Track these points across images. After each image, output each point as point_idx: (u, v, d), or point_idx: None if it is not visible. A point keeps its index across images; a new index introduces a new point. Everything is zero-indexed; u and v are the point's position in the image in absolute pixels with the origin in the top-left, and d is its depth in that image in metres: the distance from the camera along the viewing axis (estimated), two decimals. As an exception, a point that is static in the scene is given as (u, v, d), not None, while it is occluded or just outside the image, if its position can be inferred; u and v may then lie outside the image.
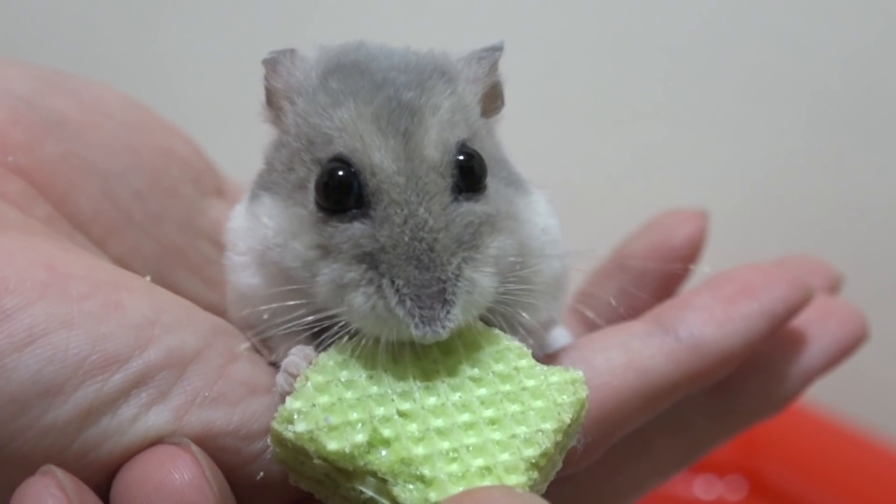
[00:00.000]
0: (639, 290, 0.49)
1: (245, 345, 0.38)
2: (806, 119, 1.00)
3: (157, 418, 0.33)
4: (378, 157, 0.35)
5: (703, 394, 0.45)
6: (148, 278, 0.39)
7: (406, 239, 0.34)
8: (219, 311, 0.44)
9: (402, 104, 0.36)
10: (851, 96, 0.99)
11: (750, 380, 0.46)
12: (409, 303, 0.34)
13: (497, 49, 0.40)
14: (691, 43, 0.99)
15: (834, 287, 0.51)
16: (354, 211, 0.35)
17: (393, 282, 0.34)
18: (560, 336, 0.46)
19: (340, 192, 0.35)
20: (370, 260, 0.34)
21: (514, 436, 0.34)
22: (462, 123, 0.37)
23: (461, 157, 0.36)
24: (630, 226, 1.00)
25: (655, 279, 0.50)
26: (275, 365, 0.38)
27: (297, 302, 0.36)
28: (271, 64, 0.39)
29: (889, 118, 1.00)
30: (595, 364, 0.39)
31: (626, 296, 0.49)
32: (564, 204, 1.05)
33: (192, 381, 0.34)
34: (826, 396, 0.89)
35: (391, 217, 0.34)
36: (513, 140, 1.01)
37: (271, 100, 0.40)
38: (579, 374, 0.36)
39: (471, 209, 0.35)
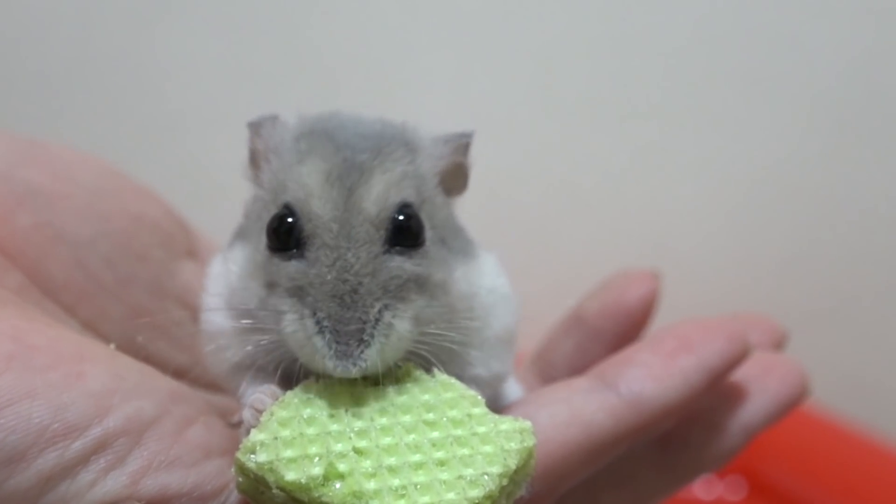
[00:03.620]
0: (594, 348, 0.51)
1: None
2: (805, 119, 1.01)
3: (114, 483, 0.35)
4: (317, 204, 0.38)
5: (647, 448, 0.47)
6: (112, 346, 0.41)
7: (330, 277, 0.37)
8: (186, 372, 0.46)
9: (356, 164, 0.39)
10: (851, 97, 1.00)
11: (693, 434, 0.48)
12: (327, 335, 0.36)
13: (464, 136, 0.43)
14: (690, 43, 1.00)
15: (779, 343, 0.53)
16: (294, 251, 0.38)
17: (314, 314, 0.36)
18: (513, 390, 0.48)
19: (283, 234, 0.38)
20: (300, 293, 0.37)
21: (460, 477, 0.36)
22: (410, 189, 0.40)
23: (399, 216, 0.39)
24: (628, 226, 1.02)
25: (609, 337, 0.52)
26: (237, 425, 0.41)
27: (251, 323, 0.39)
28: (255, 127, 0.43)
29: (889, 118, 1.00)
30: (539, 419, 0.40)
31: (581, 352, 0.51)
32: (564, 204, 1.06)
33: (148, 446, 0.36)
34: (826, 397, 0.89)
35: (321, 258, 0.37)
36: (514, 141, 1.02)
37: (253, 159, 0.43)
38: (528, 424, 0.38)
39: (400, 264, 0.38)
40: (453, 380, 0.39)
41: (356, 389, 0.38)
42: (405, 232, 0.39)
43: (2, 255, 0.42)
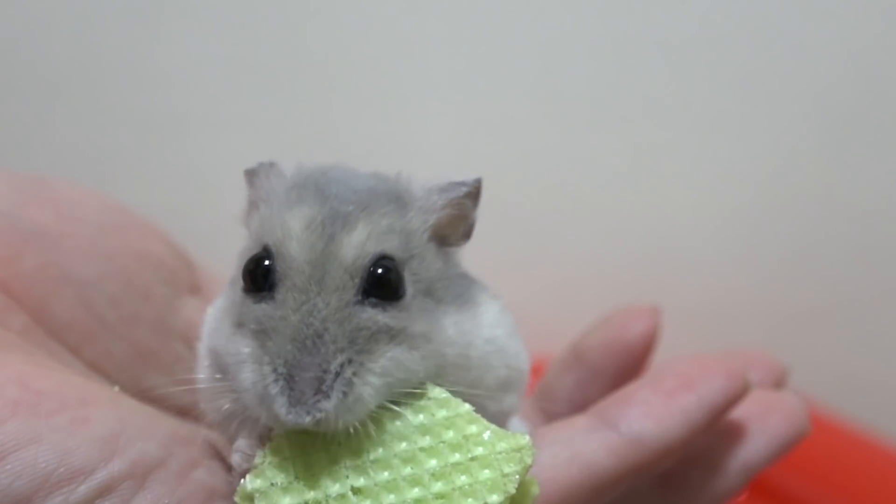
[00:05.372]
0: (595, 384, 0.51)
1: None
2: (806, 119, 1.00)
3: None
4: (294, 247, 0.37)
5: (648, 488, 0.48)
6: (116, 388, 0.41)
7: (294, 320, 0.35)
8: (189, 409, 0.46)
9: (341, 215, 0.38)
10: (852, 96, 0.99)
11: (693, 474, 0.48)
12: (282, 382, 0.35)
13: (463, 186, 0.41)
14: (691, 43, 1.00)
15: (779, 381, 0.53)
16: (266, 293, 0.37)
17: (273, 360, 0.35)
18: (517, 428, 0.48)
19: (258, 275, 0.37)
20: (263, 337, 0.36)
21: None
22: (395, 242, 0.38)
23: (378, 269, 0.37)
24: (629, 227, 1.02)
25: (610, 374, 0.52)
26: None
27: (222, 384, 0.38)
28: (250, 175, 0.42)
29: (890, 118, 1.00)
30: (541, 460, 0.40)
31: (582, 388, 0.52)
32: (564, 205, 1.07)
33: (153, 489, 0.36)
34: (826, 397, 0.91)
35: (288, 300, 0.36)
36: (515, 140, 1.01)
37: (249, 206, 0.42)
38: (526, 439, 0.38)
39: (373, 316, 0.37)
40: (446, 394, 0.39)
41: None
42: (381, 284, 0.37)
43: (7, 297, 0.43)
